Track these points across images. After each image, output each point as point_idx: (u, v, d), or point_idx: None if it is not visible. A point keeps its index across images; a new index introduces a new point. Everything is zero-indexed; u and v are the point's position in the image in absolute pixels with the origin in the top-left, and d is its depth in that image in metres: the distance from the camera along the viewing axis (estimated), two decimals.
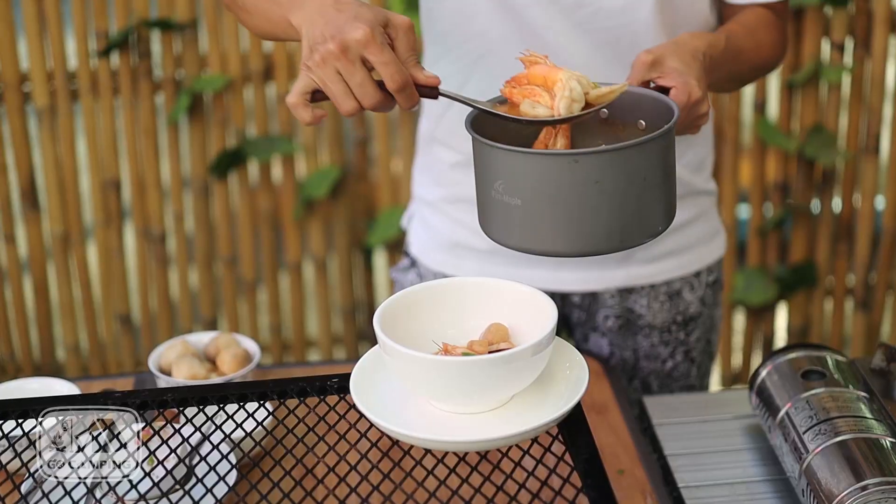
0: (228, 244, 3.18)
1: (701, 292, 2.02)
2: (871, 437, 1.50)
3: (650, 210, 1.34)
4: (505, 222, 1.35)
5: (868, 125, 3.06)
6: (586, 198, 1.29)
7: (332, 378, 1.37)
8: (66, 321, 3.22)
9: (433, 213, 2.00)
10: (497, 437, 1.20)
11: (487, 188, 1.35)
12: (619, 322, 2.00)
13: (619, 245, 1.34)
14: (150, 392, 1.39)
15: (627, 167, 1.30)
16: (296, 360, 3.32)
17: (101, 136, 3.05)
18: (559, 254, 1.35)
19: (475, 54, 1.80)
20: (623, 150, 1.29)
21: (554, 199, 1.30)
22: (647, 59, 1.46)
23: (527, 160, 1.31)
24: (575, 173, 1.28)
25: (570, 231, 1.31)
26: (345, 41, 1.30)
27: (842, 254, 3.21)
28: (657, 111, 1.41)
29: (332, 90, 1.33)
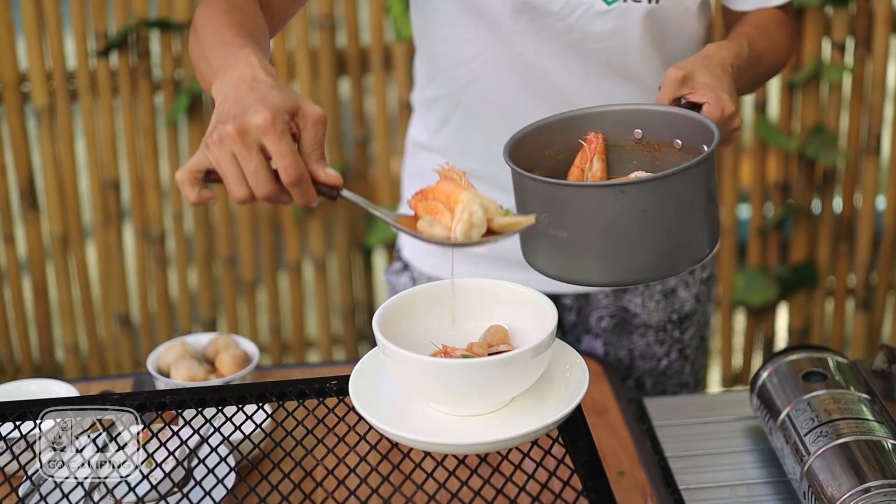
0: (228, 244, 3.18)
1: (696, 289, 2.01)
2: (873, 439, 1.50)
3: (696, 234, 1.33)
4: (551, 254, 1.34)
5: (869, 125, 3.05)
6: (634, 227, 1.28)
7: (331, 380, 1.37)
8: (65, 322, 3.21)
9: None
10: (497, 439, 1.20)
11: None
12: (614, 322, 2.00)
13: (668, 272, 1.33)
14: (149, 394, 1.38)
15: (673, 194, 1.29)
16: (295, 360, 3.31)
17: (101, 137, 3.04)
18: (609, 284, 1.35)
19: (464, 80, 1.80)
20: (668, 177, 1.28)
21: (601, 230, 1.29)
22: (678, 75, 1.45)
23: (572, 193, 1.30)
24: (622, 204, 1.27)
25: (619, 261, 1.31)
26: (244, 124, 1.21)
27: (843, 254, 3.20)
28: (693, 130, 1.40)
29: (225, 173, 1.23)
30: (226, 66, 1.33)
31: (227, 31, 1.42)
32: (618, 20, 1.69)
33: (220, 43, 1.40)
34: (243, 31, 1.42)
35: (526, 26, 1.70)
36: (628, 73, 1.76)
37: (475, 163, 1.87)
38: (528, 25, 1.70)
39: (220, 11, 1.47)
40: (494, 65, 1.76)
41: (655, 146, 1.45)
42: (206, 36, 1.45)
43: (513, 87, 1.77)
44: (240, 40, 1.38)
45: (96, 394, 1.43)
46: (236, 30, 1.41)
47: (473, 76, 1.78)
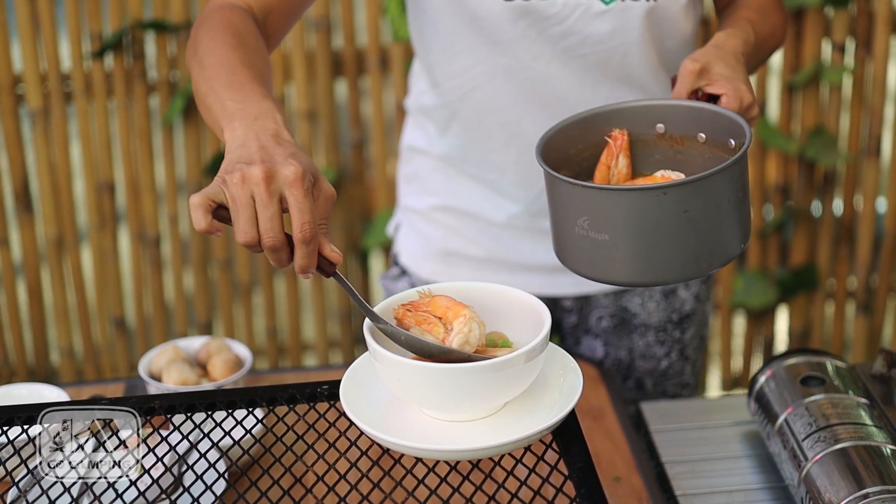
0: (224, 247, 3.16)
1: (695, 289, 2.00)
2: (872, 444, 1.48)
3: (734, 230, 1.34)
4: (592, 257, 1.34)
5: (869, 126, 3.04)
6: (675, 228, 1.29)
7: (322, 385, 1.36)
8: (60, 325, 3.20)
9: (424, 222, 1.97)
10: (489, 445, 1.18)
11: (569, 224, 1.34)
12: (614, 322, 1.98)
13: (706, 269, 1.34)
14: (138, 399, 1.37)
15: (713, 193, 1.30)
16: (292, 364, 3.30)
17: (96, 139, 3.03)
18: (649, 284, 1.36)
19: (462, 90, 1.78)
20: (709, 177, 1.29)
21: (643, 232, 1.29)
22: (694, 67, 1.45)
23: (613, 197, 1.31)
24: (663, 205, 1.28)
25: (660, 261, 1.31)
26: (273, 171, 1.22)
27: (843, 256, 3.19)
28: (717, 123, 1.41)
29: (238, 212, 1.22)
30: (246, 113, 1.32)
31: (241, 73, 1.40)
32: (616, 20, 1.67)
33: (234, 84, 1.39)
34: (258, 77, 1.41)
35: (525, 31, 1.69)
36: (627, 76, 1.74)
37: (475, 169, 1.86)
38: (528, 30, 1.69)
39: (229, 47, 1.45)
40: (492, 73, 1.74)
41: (678, 140, 1.46)
42: (215, 71, 1.43)
43: (511, 94, 1.75)
44: (259, 88, 1.38)
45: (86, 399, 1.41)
46: (250, 73, 1.41)
47: (471, 86, 1.77)
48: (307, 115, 3.05)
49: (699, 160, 1.44)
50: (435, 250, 1.97)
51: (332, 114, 3.07)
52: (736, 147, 1.38)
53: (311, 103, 3.05)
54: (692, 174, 1.34)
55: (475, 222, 1.91)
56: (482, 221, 1.90)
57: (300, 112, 3.05)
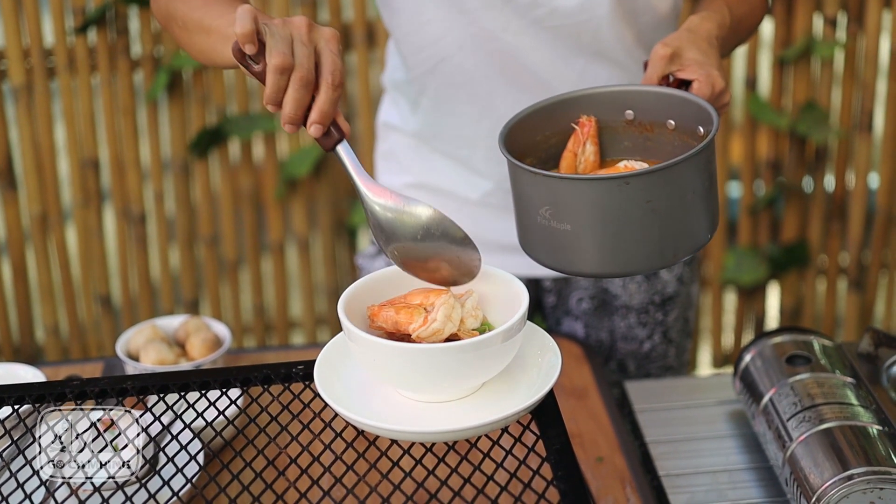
0: (209, 224, 3.13)
1: (678, 271, 1.97)
2: (858, 424, 1.46)
3: (699, 220, 1.31)
4: (553, 247, 1.32)
5: (861, 102, 3.01)
6: (638, 218, 1.27)
7: (297, 365, 1.33)
8: (45, 303, 3.17)
9: None
10: (466, 426, 1.16)
11: (532, 213, 1.32)
12: (594, 304, 1.96)
13: (672, 260, 1.32)
14: (109, 380, 1.34)
15: (678, 182, 1.27)
16: (279, 341, 3.27)
17: (79, 115, 2.99)
18: (612, 274, 1.33)
19: (432, 62, 1.76)
20: (673, 166, 1.26)
21: (605, 222, 1.27)
22: (665, 52, 1.42)
23: (576, 186, 1.28)
24: (626, 195, 1.26)
25: (624, 252, 1.29)
26: (314, 25, 1.25)
27: (834, 233, 3.17)
28: (687, 110, 1.38)
29: (276, 42, 1.22)
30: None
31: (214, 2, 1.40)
32: None
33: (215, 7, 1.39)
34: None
35: (491, 1, 1.66)
36: (601, 50, 1.71)
37: (448, 146, 1.83)
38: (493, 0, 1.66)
39: None
40: (461, 44, 1.71)
41: (647, 127, 1.43)
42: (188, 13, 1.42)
43: (482, 67, 1.72)
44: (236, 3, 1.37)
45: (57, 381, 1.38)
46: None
47: (440, 57, 1.74)
48: None
49: (668, 147, 1.42)
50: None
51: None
52: (704, 135, 1.35)
53: None
54: (661, 162, 1.32)
55: (450, 201, 1.88)
56: (457, 200, 1.88)
57: None
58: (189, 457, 1.24)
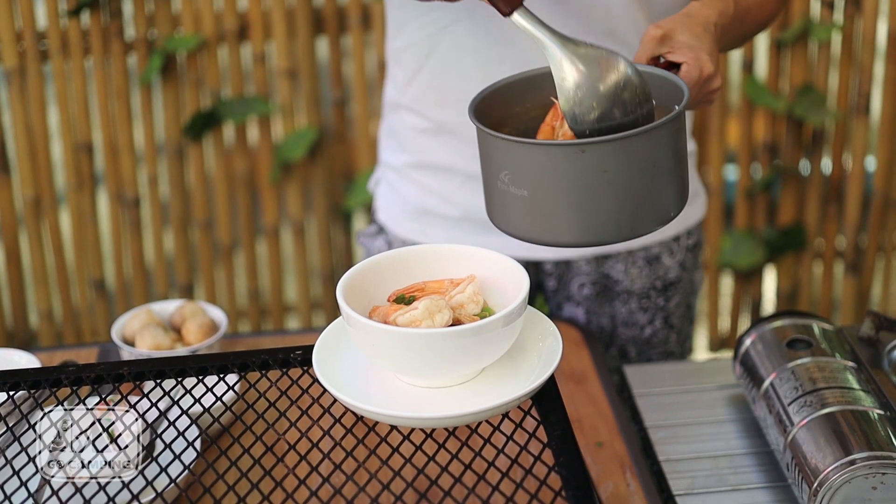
0: (204, 208, 3.11)
1: (681, 256, 1.96)
2: (859, 409, 1.45)
3: (661, 196, 1.29)
4: (511, 213, 1.31)
5: (859, 84, 3.00)
6: (594, 188, 1.25)
7: (295, 350, 1.32)
8: (38, 288, 3.16)
9: (400, 179, 1.94)
10: (466, 412, 1.15)
11: (493, 178, 1.31)
12: (596, 289, 1.95)
13: (630, 234, 1.29)
14: (105, 366, 1.33)
15: (636, 155, 1.25)
16: (274, 326, 3.26)
17: (73, 98, 2.97)
18: (567, 244, 1.31)
19: (440, 24, 1.74)
20: (630, 137, 1.24)
21: (561, 189, 1.26)
22: (657, 33, 1.40)
23: (532, 151, 1.27)
24: (582, 163, 1.24)
25: (578, 221, 1.27)
26: None
27: (831, 216, 3.16)
28: (667, 89, 1.36)
29: None
30: None
31: None
32: None
33: None
34: None
35: None
36: (611, 29, 1.70)
37: (448, 112, 1.81)
38: None
39: None
40: (472, 10, 1.69)
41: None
42: None
43: (491, 34, 1.71)
44: None
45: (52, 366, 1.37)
46: None
47: (450, 20, 1.72)
48: (288, 73, 3.00)
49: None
50: (410, 209, 1.94)
51: (314, 72, 3.02)
52: None
53: (291, 62, 3.00)
54: None
55: (451, 177, 1.87)
56: (458, 175, 1.87)
57: (280, 70, 3.00)
58: (186, 443, 1.23)
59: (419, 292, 1.26)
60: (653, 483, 1.55)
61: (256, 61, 3.00)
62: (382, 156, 2.00)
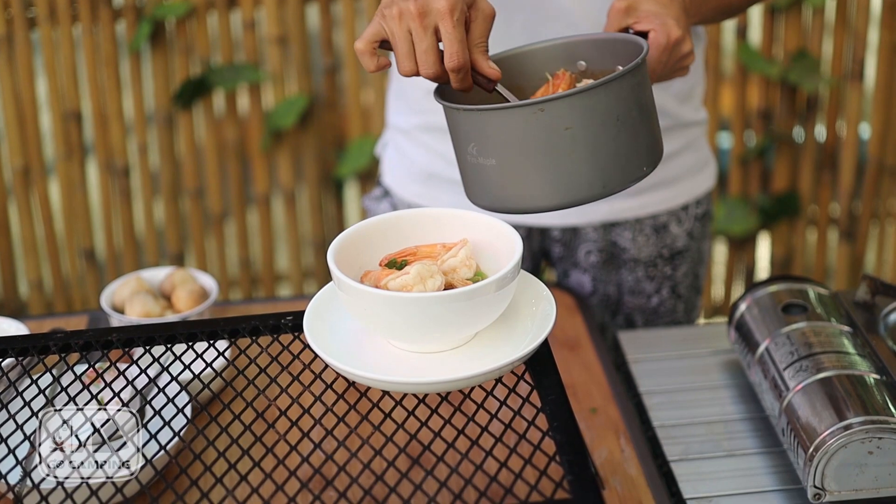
0: (194, 177, 3.09)
1: (689, 225, 1.95)
2: (855, 373, 1.44)
3: (630, 151, 1.28)
4: (484, 186, 1.30)
5: (853, 50, 2.98)
6: (558, 146, 1.24)
7: (286, 316, 1.30)
8: (28, 258, 3.14)
9: (408, 142, 1.93)
10: (459, 377, 1.13)
11: (463, 154, 1.30)
12: (603, 257, 1.94)
13: (602, 191, 1.28)
14: (94, 332, 1.31)
15: (597, 109, 1.24)
16: (266, 294, 3.25)
17: (61, 67, 2.95)
18: (542, 209, 1.30)
19: None
20: (588, 90, 1.23)
21: (527, 152, 1.25)
22: (621, 5, 1.40)
23: (493, 117, 1.26)
24: (543, 122, 1.23)
25: (549, 183, 1.26)
26: (426, 6, 1.27)
27: (825, 183, 3.14)
28: (631, 52, 1.35)
29: (397, 47, 1.30)
30: None
31: None
32: None
33: None
34: None
35: None
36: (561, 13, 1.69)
37: None
38: None
39: None
40: None
41: (599, 75, 1.40)
42: None
43: None
44: None
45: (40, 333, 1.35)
46: None
47: None
48: (278, 40, 2.98)
49: None
50: (417, 172, 1.93)
51: (304, 39, 3.00)
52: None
53: (281, 28, 2.97)
54: None
55: None
56: None
57: (271, 37, 2.98)
58: (176, 410, 1.22)
59: (411, 256, 1.25)
60: (647, 449, 1.54)
61: (246, 28, 2.97)
62: (390, 118, 1.98)
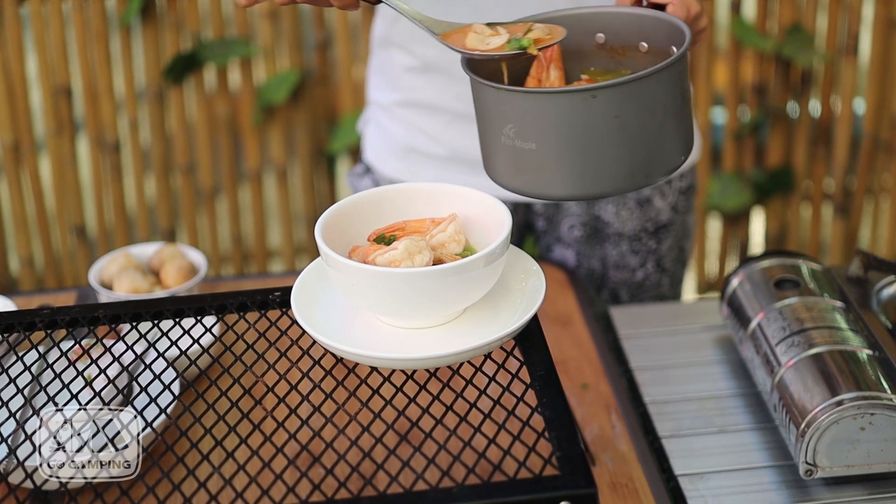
0: (185, 152, 3.08)
1: (672, 199, 1.94)
2: (848, 349, 1.43)
3: (671, 141, 1.25)
4: (518, 168, 1.26)
5: (848, 25, 2.96)
6: (606, 135, 1.20)
7: (273, 291, 1.29)
8: (19, 234, 3.12)
9: (388, 118, 1.91)
10: (448, 353, 1.13)
11: (495, 133, 1.26)
12: (586, 231, 1.93)
13: (644, 182, 1.25)
14: (81, 308, 1.30)
15: (647, 97, 1.21)
16: (258, 270, 3.24)
17: (51, 42, 2.93)
18: (581, 197, 1.28)
19: None
20: (642, 79, 1.20)
21: (572, 139, 1.21)
22: None
23: (540, 100, 1.21)
24: (593, 109, 1.19)
25: (591, 171, 1.23)
26: None
27: (820, 158, 3.13)
28: (660, 31, 1.32)
29: None
30: None
31: None
32: None
33: None
34: None
35: None
36: None
37: (435, 50, 1.78)
38: None
39: None
40: None
41: (619, 50, 1.37)
42: None
43: None
44: None
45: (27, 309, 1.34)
46: None
47: None
48: (269, 15, 2.96)
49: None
50: (398, 148, 1.91)
51: (295, 13, 2.98)
52: None
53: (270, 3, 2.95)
54: None
55: (439, 116, 1.85)
56: (445, 114, 1.84)
57: (262, 11, 2.96)
58: (163, 386, 1.21)
59: (399, 231, 1.24)
60: (638, 425, 1.53)
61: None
62: (371, 94, 1.97)
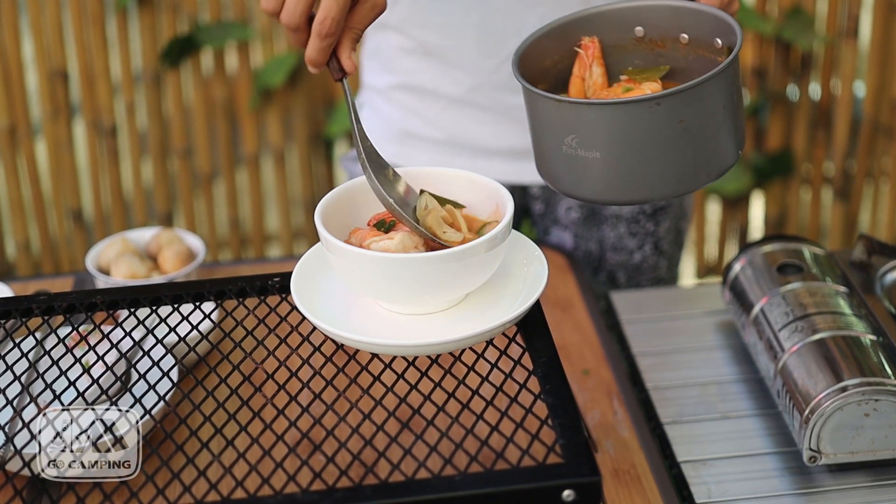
0: (183, 136, 3.06)
1: None
2: (851, 334, 1.42)
3: (728, 138, 1.26)
4: (582, 176, 1.25)
5: (848, 7, 2.95)
6: (671, 140, 1.21)
7: (273, 277, 1.28)
8: (15, 218, 3.11)
9: (384, 101, 1.90)
10: (449, 339, 1.12)
11: (556, 143, 1.25)
12: (583, 213, 1.91)
13: (705, 181, 1.26)
14: (78, 294, 1.29)
15: (709, 99, 1.21)
16: (255, 255, 3.22)
17: (47, 26, 2.91)
18: (647, 200, 1.28)
19: None
20: (704, 82, 1.19)
21: (637, 146, 1.21)
22: None
23: (604, 111, 1.21)
24: (657, 117, 1.19)
25: (657, 175, 1.23)
26: None
27: (820, 141, 3.12)
28: (701, 23, 1.31)
29: None
30: None
31: None
32: None
33: None
34: None
35: None
36: None
37: (434, 35, 1.77)
38: None
39: None
40: None
41: (659, 43, 1.36)
42: None
43: None
44: None
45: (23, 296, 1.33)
46: None
47: None
48: None
49: (682, 63, 1.36)
50: (394, 131, 1.90)
51: None
52: (724, 46, 1.29)
53: None
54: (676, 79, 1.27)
55: (433, 101, 1.83)
56: (440, 99, 1.83)
57: None
58: (162, 373, 1.20)
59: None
60: (640, 411, 1.53)
61: None
62: (365, 78, 1.95)
